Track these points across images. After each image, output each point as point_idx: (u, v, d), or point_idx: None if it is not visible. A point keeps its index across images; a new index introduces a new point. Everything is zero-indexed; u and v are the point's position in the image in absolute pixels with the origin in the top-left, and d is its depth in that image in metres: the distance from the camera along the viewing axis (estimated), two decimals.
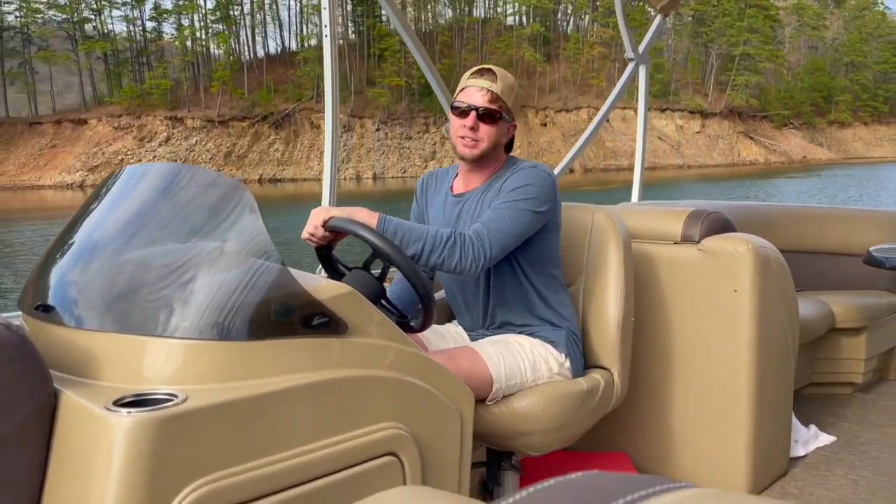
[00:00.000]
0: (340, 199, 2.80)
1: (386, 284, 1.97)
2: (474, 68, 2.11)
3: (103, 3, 66.77)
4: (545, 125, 69.37)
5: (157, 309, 1.36)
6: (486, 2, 74.37)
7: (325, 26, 2.63)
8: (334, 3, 2.62)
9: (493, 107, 2.03)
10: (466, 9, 72.60)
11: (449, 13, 73.04)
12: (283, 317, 1.39)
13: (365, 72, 66.02)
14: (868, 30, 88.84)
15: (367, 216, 1.85)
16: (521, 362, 2.03)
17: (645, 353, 2.57)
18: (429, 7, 71.88)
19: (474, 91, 2.04)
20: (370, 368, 1.48)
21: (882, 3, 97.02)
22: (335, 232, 1.89)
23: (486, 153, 2.07)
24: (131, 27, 68.76)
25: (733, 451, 2.44)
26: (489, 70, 2.07)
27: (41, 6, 65.94)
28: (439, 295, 2.41)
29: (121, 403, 1.21)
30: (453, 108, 2.08)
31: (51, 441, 1.25)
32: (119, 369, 1.32)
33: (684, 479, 2.21)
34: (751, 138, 73.08)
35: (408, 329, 1.87)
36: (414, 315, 1.97)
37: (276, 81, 66.02)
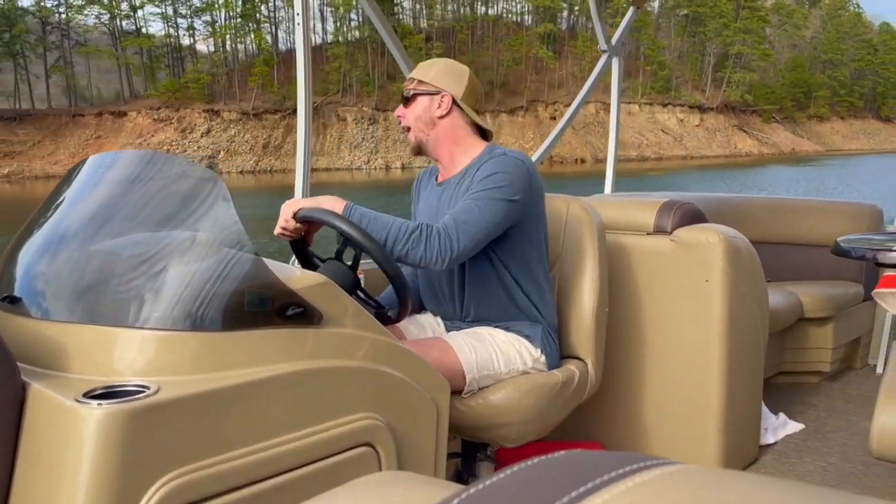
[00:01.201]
0: (378, 186, 3.66)
1: (360, 276, 1.94)
2: None
3: (142, 1, 69.96)
4: (554, 118, 73.95)
5: (128, 300, 1.34)
6: (499, 2, 78.77)
7: (298, 14, 2.59)
8: None
9: (408, 88, 2.06)
10: (483, 8, 77.04)
11: (464, 11, 77.32)
12: (257, 307, 1.38)
13: (386, 67, 70.11)
14: (845, 29, 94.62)
15: (332, 203, 1.83)
16: (495, 354, 2.00)
17: (618, 343, 2.57)
18: (446, 5, 76.19)
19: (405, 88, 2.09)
20: (345, 359, 1.47)
21: (857, 4, 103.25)
22: (307, 223, 1.88)
23: (421, 136, 2.07)
24: (167, 24, 71.91)
25: (704, 439, 2.46)
26: (420, 65, 2.10)
27: (82, 4, 68.95)
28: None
29: (91, 395, 1.19)
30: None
31: (19, 435, 1.22)
32: (89, 361, 1.29)
33: None
34: (745, 131, 78.98)
35: (384, 320, 1.86)
36: (390, 305, 1.96)
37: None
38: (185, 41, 73.12)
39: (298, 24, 2.59)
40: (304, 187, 2.70)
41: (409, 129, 2.07)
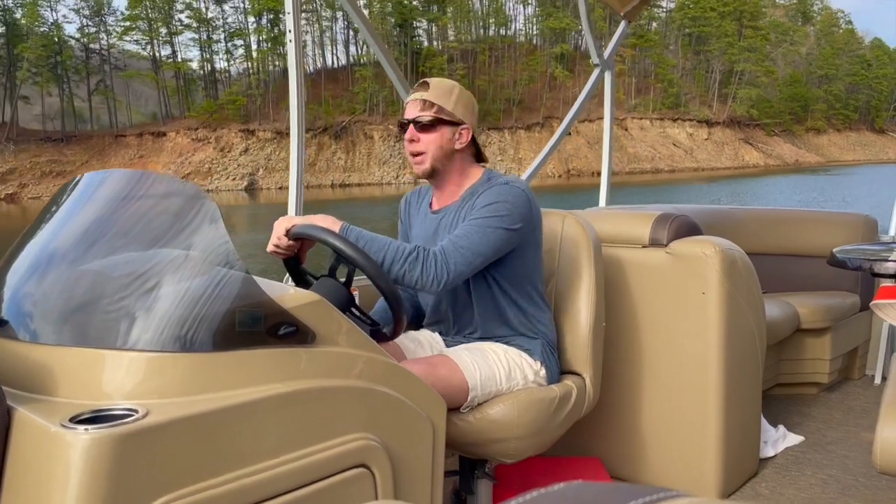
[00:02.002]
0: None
1: (354, 293, 1.92)
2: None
3: (179, 28, 73.74)
4: (570, 134, 77.76)
5: (116, 321, 1.32)
6: (515, 24, 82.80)
7: (290, 31, 2.57)
8: (298, 9, 2.56)
9: (427, 113, 2.00)
10: (500, 30, 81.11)
11: (481, 32, 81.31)
12: (249, 327, 1.35)
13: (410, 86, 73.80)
14: (839, 45, 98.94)
15: (329, 223, 1.82)
16: (497, 370, 1.99)
17: (615, 357, 2.54)
18: (468, 27, 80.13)
19: (411, 105, 2.03)
20: (339, 378, 1.45)
21: (849, 21, 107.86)
22: (300, 240, 1.86)
23: (437, 165, 2.03)
24: (202, 49, 75.63)
25: (704, 453, 2.43)
26: (424, 82, 2.04)
27: (124, 30, 72.72)
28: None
29: (78, 420, 1.16)
30: (399, 130, 2.06)
31: (5, 460, 1.20)
32: (76, 384, 1.27)
33: (655, 482, 2.36)
34: (750, 144, 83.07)
35: (379, 337, 1.84)
36: (385, 322, 1.94)
37: (333, 95, 73.48)
38: (219, 65, 76.61)
39: (290, 41, 2.58)
40: (297, 205, 2.66)
41: (420, 153, 2.02)
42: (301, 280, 1.97)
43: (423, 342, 2.16)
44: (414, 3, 77.41)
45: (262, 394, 1.31)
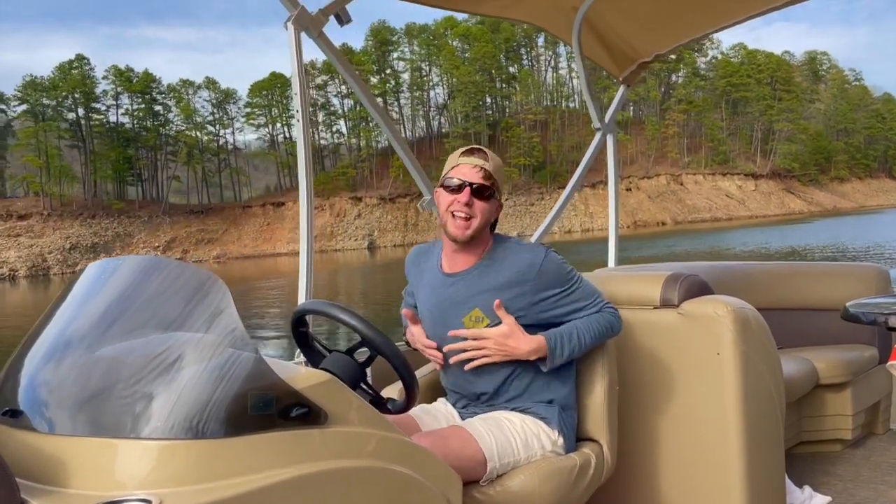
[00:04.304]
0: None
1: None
2: (464, 148, 2.10)
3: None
4: (629, 190, 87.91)
5: (128, 409, 1.31)
6: (578, 96, 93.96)
7: (297, 111, 2.62)
8: (305, 89, 2.62)
9: (487, 183, 2.01)
10: (568, 102, 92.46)
11: (549, 104, 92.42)
12: (261, 410, 1.34)
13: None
14: (854, 101, 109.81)
15: (535, 346, 1.97)
16: (514, 440, 1.97)
17: (631, 421, 2.48)
18: (540, 99, 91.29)
19: (467, 168, 2.01)
20: (352, 459, 1.43)
21: (860, 78, 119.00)
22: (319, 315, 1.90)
23: (478, 232, 2.03)
24: (314, 129, 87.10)
25: None
26: (480, 150, 2.06)
27: (247, 116, 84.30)
28: (428, 368, 2.38)
29: None
30: (445, 186, 2.03)
31: None
32: (90, 475, 1.25)
33: None
34: (792, 193, 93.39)
35: (386, 411, 1.84)
36: (395, 398, 1.95)
37: (424, 165, 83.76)
38: (323, 142, 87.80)
39: (298, 120, 2.62)
40: (308, 288, 2.64)
41: (470, 217, 2.00)
42: (311, 350, 1.97)
43: (436, 414, 2.16)
44: (487, 80, 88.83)
45: (276, 478, 1.29)
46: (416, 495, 1.54)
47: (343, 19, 2.80)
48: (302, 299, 2.51)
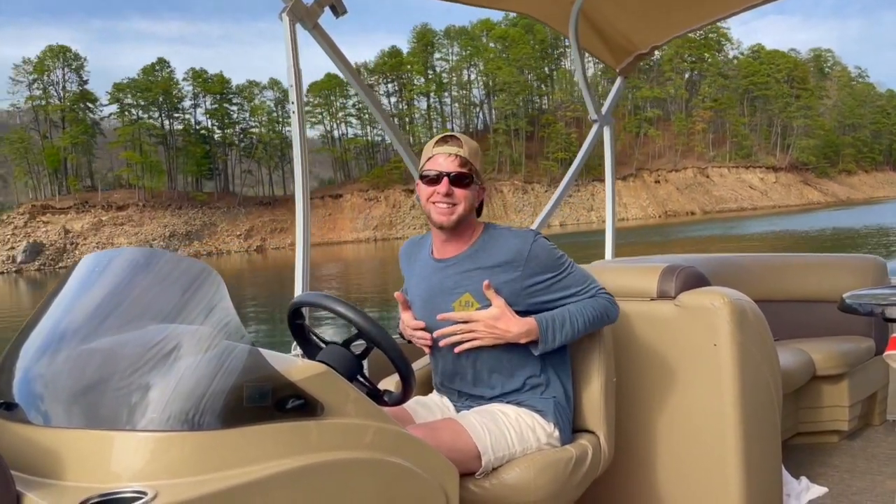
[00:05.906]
0: (557, 236, 7.11)
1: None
2: (437, 137, 2.10)
3: (349, 114, 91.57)
4: (658, 182, 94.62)
5: (123, 401, 1.31)
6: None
7: (292, 103, 2.58)
8: (300, 82, 2.60)
9: (464, 170, 2.01)
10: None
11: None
12: (257, 402, 1.34)
13: (533, 149, 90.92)
14: (860, 98, 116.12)
15: (526, 329, 1.96)
16: (508, 433, 1.97)
17: (628, 413, 2.48)
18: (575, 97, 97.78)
19: (443, 158, 2.02)
20: (349, 450, 1.43)
21: (865, 75, 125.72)
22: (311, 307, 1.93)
23: (463, 218, 2.03)
24: (364, 127, 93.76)
25: None
26: (453, 136, 2.06)
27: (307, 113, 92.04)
28: (424, 360, 2.37)
29: None
30: (423, 178, 2.05)
31: None
32: (85, 467, 1.25)
33: None
34: (809, 185, 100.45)
35: (383, 403, 1.83)
36: (391, 390, 1.95)
37: None
38: (376, 139, 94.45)
39: (293, 111, 2.59)
40: (304, 280, 2.62)
41: (453, 205, 2.01)
42: (307, 342, 1.98)
43: (432, 407, 2.15)
44: (528, 80, 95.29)
45: (272, 470, 1.29)
46: (413, 486, 1.55)
47: (339, 10, 2.75)
48: (298, 291, 2.55)
